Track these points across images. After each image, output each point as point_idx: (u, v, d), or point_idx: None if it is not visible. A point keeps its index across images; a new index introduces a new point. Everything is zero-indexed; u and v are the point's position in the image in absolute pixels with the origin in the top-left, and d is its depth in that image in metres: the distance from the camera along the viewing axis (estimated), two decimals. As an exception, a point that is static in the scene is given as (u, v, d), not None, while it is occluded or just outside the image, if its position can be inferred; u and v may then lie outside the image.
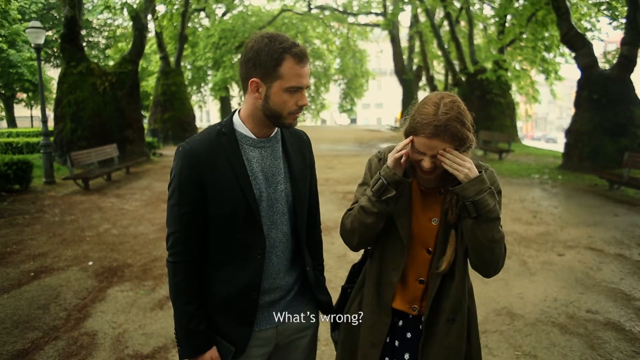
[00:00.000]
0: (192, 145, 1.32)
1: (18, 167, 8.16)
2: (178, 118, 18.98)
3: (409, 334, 1.46)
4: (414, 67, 28.31)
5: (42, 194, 8.29)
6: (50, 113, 15.05)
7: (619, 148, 9.98)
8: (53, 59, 25.15)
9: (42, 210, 7.02)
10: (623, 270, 4.51)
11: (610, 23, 15.44)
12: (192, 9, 20.47)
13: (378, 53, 34.93)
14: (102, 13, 20.60)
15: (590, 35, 16.31)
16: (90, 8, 21.87)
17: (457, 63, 18.30)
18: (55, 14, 24.21)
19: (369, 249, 1.58)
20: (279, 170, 1.41)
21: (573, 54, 11.61)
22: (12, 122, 25.60)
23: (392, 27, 24.22)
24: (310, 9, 26.73)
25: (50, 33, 23.28)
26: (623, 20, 12.46)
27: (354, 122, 48.04)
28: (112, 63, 20.35)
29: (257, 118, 1.35)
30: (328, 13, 26.93)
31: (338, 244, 5.04)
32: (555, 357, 2.97)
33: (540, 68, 18.37)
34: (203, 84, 27.77)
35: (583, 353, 3.00)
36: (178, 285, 1.35)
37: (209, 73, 26.83)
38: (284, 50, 1.24)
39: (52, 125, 12.63)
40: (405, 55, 28.24)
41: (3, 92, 24.45)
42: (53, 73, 25.51)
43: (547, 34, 16.33)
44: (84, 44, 16.32)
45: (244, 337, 1.38)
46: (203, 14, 25.39)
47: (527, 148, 18.13)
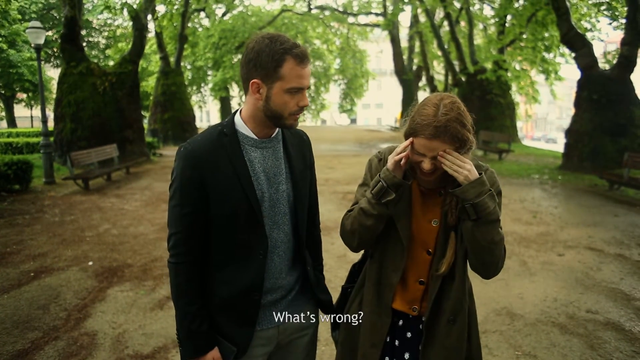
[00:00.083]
0: (193, 146, 1.32)
1: (18, 167, 8.16)
2: (178, 118, 18.99)
3: (409, 334, 1.46)
4: (414, 67, 28.33)
5: (42, 194, 8.28)
6: (50, 113, 15.06)
7: (619, 148, 9.98)
8: (53, 59, 25.16)
9: (42, 211, 7.02)
10: (623, 270, 4.51)
11: (610, 23, 15.46)
12: (192, 9, 20.48)
13: (378, 53, 34.97)
14: (102, 13, 20.59)
15: (590, 36, 16.32)
16: (90, 8, 21.87)
17: (457, 63, 18.30)
18: (55, 14, 24.22)
19: (369, 249, 1.58)
20: (281, 171, 1.41)
21: (573, 54, 11.61)
22: (12, 122, 25.60)
23: (392, 27, 24.23)
24: (310, 9, 26.75)
25: (50, 33, 23.29)
26: (623, 21, 12.46)
27: (354, 122, 48.04)
28: (112, 63, 20.35)
29: (258, 119, 1.35)
30: (328, 13, 26.94)
31: (338, 244, 5.04)
32: (555, 357, 2.97)
33: (540, 68, 18.38)
34: (203, 84, 27.78)
35: (583, 353, 3.00)
36: (180, 286, 1.35)
37: (209, 73, 26.84)
38: (285, 51, 1.24)
39: (52, 126, 12.63)
40: (405, 56, 28.25)
41: (3, 92, 24.45)
42: (53, 73, 25.51)
43: (547, 34, 16.33)
44: (84, 44, 16.32)
45: (246, 337, 1.38)
46: (203, 14, 25.40)
47: (527, 148, 18.13)
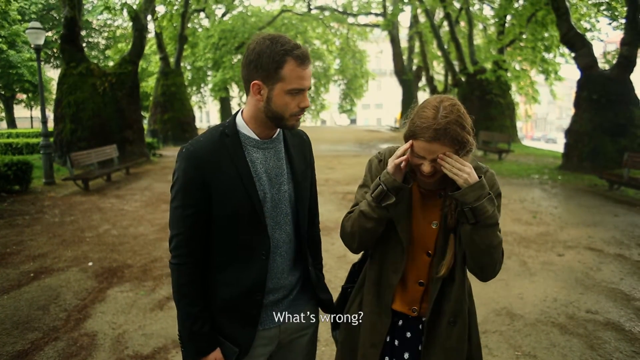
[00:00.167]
0: (195, 147, 1.32)
1: (18, 167, 8.16)
2: (178, 119, 19.00)
3: (409, 334, 1.47)
4: (414, 67, 28.36)
5: (42, 195, 8.28)
6: (50, 114, 15.05)
7: (619, 148, 9.99)
8: (53, 60, 25.18)
9: (42, 211, 7.02)
10: (623, 271, 4.51)
11: (610, 23, 15.46)
12: (191, 10, 20.49)
13: (378, 53, 34.97)
14: (101, 14, 20.56)
15: (590, 36, 16.32)
16: (90, 9, 21.84)
17: (456, 63, 18.30)
18: (55, 15, 24.23)
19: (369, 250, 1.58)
20: (282, 171, 1.42)
21: (573, 54, 11.61)
22: (12, 122, 25.60)
23: (391, 27, 24.25)
24: (310, 10, 26.77)
25: (50, 34, 23.30)
26: (623, 21, 12.46)
27: (354, 122, 48.06)
28: (111, 64, 20.34)
29: (259, 119, 1.35)
30: (328, 13, 26.96)
31: (338, 245, 5.04)
32: (555, 357, 2.97)
33: (540, 68, 18.38)
34: (203, 85, 27.80)
35: (583, 353, 3.00)
36: (182, 287, 1.35)
37: (209, 74, 26.85)
38: (286, 53, 1.24)
39: (52, 126, 12.64)
40: (405, 56, 28.27)
41: (3, 92, 24.46)
42: (53, 74, 25.49)
43: (546, 35, 16.33)
44: (84, 45, 16.35)
45: (248, 338, 1.38)
46: (203, 15, 25.42)
47: (526, 148, 18.14)
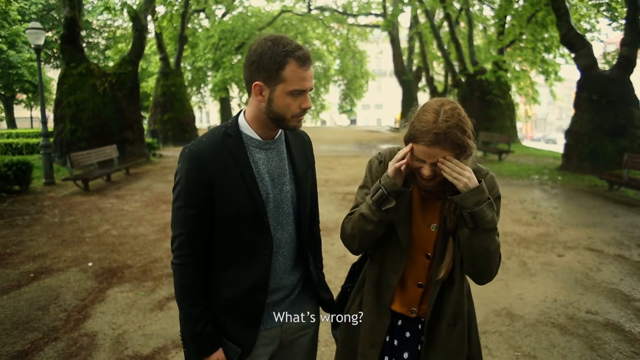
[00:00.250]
0: (198, 147, 1.32)
1: (18, 168, 8.15)
2: (178, 119, 19.00)
3: (408, 333, 1.47)
4: (414, 68, 28.37)
5: (41, 195, 8.28)
6: (50, 114, 15.04)
7: (619, 149, 9.99)
8: (53, 60, 25.18)
9: (41, 211, 7.02)
10: (623, 271, 4.51)
11: (610, 24, 15.48)
12: (191, 10, 20.50)
13: (378, 54, 35.03)
14: (101, 14, 20.56)
15: (590, 36, 16.34)
16: (90, 9, 21.85)
17: (456, 64, 18.31)
18: (55, 15, 24.24)
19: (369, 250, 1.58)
20: (284, 172, 1.42)
21: (573, 55, 11.62)
22: (12, 123, 25.61)
23: (391, 28, 24.25)
24: (310, 10, 26.78)
25: (50, 34, 23.31)
26: (622, 21, 12.47)
27: (354, 123, 48.07)
28: (111, 64, 20.33)
29: (261, 120, 1.36)
30: (328, 14, 26.96)
31: (338, 245, 5.04)
32: (555, 357, 2.97)
33: (540, 69, 18.38)
34: (203, 85, 27.79)
35: (583, 354, 3.00)
36: (184, 288, 1.35)
37: (209, 74, 26.85)
38: (287, 54, 1.24)
39: (51, 126, 12.63)
40: (405, 56, 28.28)
41: (3, 93, 24.46)
42: (53, 74, 25.49)
43: (546, 35, 16.34)
44: (84, 45, 16.35)
45: (250, 338, 1.39)
46: (203, 15, 25.41)
47: (526, 149, 18.13)
